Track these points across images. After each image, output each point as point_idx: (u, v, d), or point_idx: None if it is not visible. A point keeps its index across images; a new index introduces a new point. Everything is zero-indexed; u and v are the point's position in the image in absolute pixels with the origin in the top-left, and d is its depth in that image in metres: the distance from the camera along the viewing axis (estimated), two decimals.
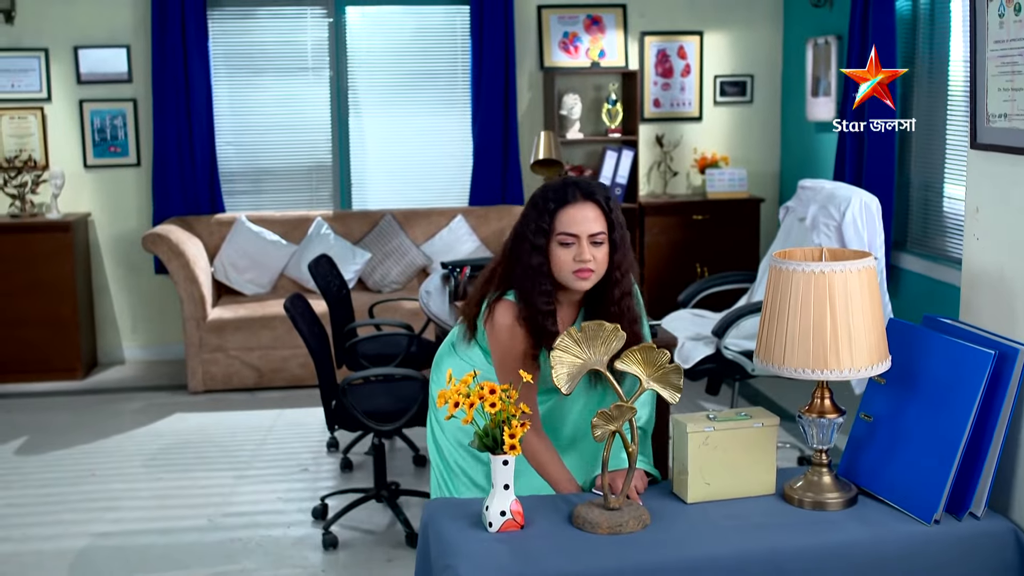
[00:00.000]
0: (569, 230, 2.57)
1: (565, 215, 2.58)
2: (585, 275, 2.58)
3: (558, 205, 2.59)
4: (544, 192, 2.64)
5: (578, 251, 2.56)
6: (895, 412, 2.39)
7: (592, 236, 2.57)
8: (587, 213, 2.58)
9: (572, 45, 7.18)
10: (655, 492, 2.45)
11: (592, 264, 2.57)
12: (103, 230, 7.02)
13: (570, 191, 2.60)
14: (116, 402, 6.26)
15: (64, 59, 6.81)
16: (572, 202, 2.58)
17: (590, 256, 2.56)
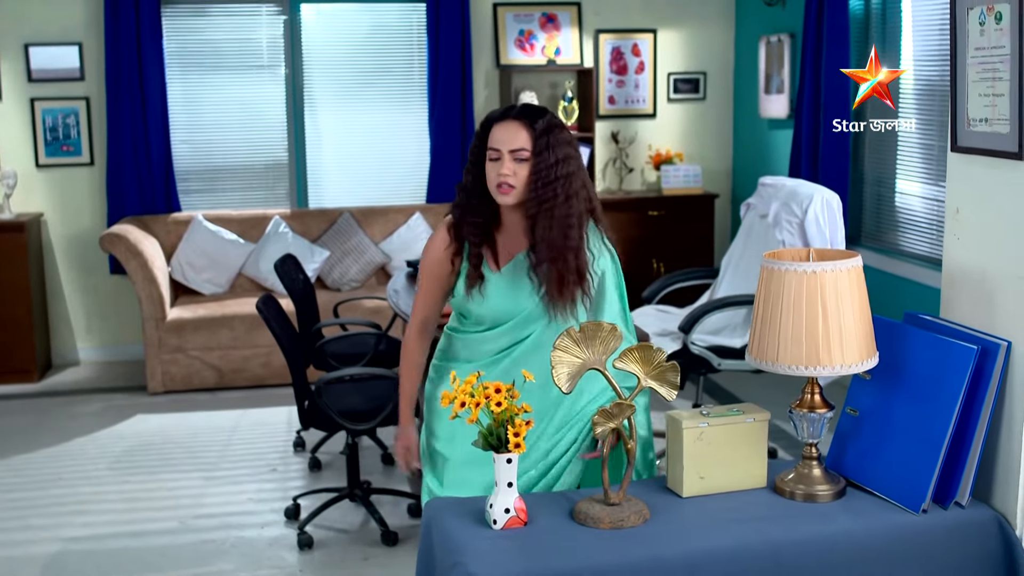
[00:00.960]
0: (495, 145, 2.69)
1: (494, 131, 2.70)
2: (505, 190, 2.67)
3: (490, 123, 2.73)
4: (485, 116, 2.79)
5: (500, 165, 2.67)
6: (881, 406, 2.47)
7: (514, 152, 2.66)
8: (513, 130, 2.68)
9: (528, 43, 7.23)
10: (649, 487, 2.51)
11: (512, 179, 2.66)
12: (56, 230, 6.93)
13: (504, 111, 2.73)
14: (74, 404, 6.19)
15: (14, 57, 6.71)
16: (502, 120, 2.71)
17: (509, 171, 2.66)
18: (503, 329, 2.77)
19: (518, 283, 2.75)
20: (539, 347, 2.73)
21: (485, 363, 2.79)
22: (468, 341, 2.84)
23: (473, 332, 2.83)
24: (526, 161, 2.67)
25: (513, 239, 2.78)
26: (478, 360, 2.81)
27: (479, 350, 2.81)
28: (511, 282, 2.76)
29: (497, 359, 2.79)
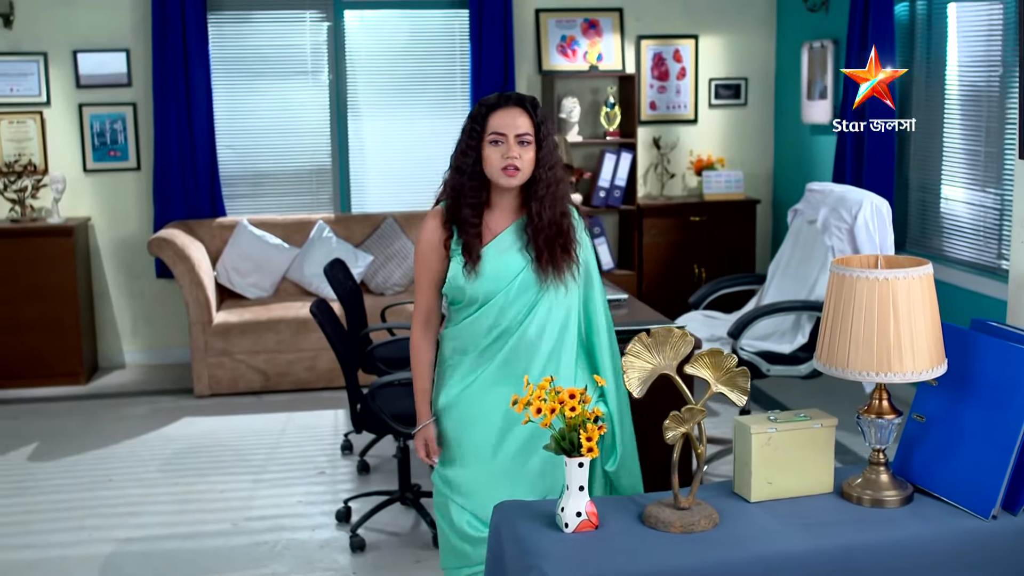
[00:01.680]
0: (499, 130, 2.81)
1: (495, 117, 2.84)
2: (511, 172, 2.81)
3: (490, 109, 2.86)
4: (480, 101, 2.92)
5: (506, 149, 2.79)
6: (948, 412, 2.48)
7: (519, 136, 2.81)
8: (515, 116, 2.83)
9: (570, 48, 7.25)
10: (716, 492, 2.53)
11: (518, 162, 2.80)
12: (103, 234, 7.01)
13: (502, 98, 2.87)
14: (122, 407, 6.26)
15: (63, 63, 6.80)
16: (502, 106, 2.85)
17: (516, 154, 2.80)
18: (494, 303, 2.88)
19: (505, 258, 2.90)
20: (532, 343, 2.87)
21: (480, 352, 2.91)
22: (461, 330, 2.95)
23: (465, 318, 2.93)
24: (529, 145, 2.83)
25: (497, 219, 2.93)
26: (472, 350, 2.92)
27: (472, 334, 2.92)
28: (497, 258, 2.90)
29: (492, 348, 2.89)
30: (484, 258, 2.89)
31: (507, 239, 2.91)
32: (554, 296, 2.89)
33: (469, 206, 2.88)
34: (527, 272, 2.88)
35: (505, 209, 2.93)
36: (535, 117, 2.85)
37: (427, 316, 3.04)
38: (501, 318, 2.89)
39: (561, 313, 2.92)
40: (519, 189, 2.90)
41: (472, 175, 2.87)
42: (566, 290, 2.91)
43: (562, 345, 2.91)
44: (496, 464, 2.89)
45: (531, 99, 2.90)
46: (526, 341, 2.88)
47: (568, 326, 2.93)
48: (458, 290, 2.92)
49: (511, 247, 2.90)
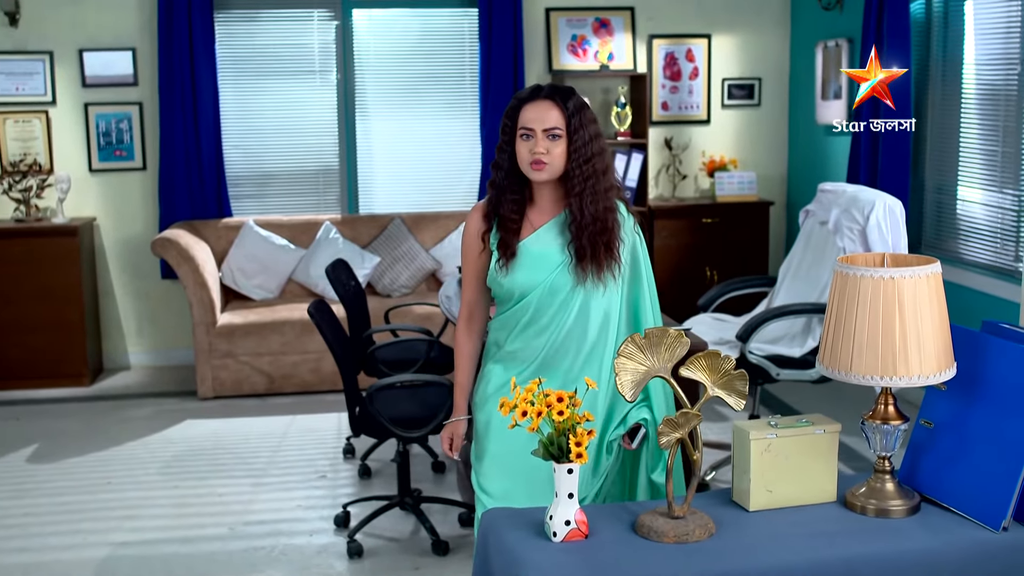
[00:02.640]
0: (527, 124, 2.74)
1: (526, 111, 2.76)
2: (538, 167, 2.74)
3: (521, 103, 2.78)
4: (515, 95, 2.84)
5: (534, 143, 2.72)
6: (958, 418, 2.37)
7: (547, 130, 2.73)
8: (544, 109, 2.74)
9: (580, 48, 7.16)
10: (713, 500, 2.42)
11: (545, 157, 2.72)
12: (108, 235, 6.96)
13: (533, 91, 2.79)
14: (125, 408, 6.20)
15: (69, 62, 6.75)
16: (532, 100, 2.76)
17: (544, 148, 2.72)
18: (529, 299, 2.81)
19: (543, 253, 2.82)
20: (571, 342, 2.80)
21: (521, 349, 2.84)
22: (502, 322, 2.89)
23: (505, 312, 2.88)
24: (559, 139, 2.74)
25: (539, 213, 2.86)
26: (509, 344, 2.86)
27: (510, 328, 2.85)
28: (534, 253, 2.82)
29: (533, 347, 2.82)
30: (520, 253, 2.82)
31: (547, 235, 2.83)
32: (592, 295, 2.80)
33: (510, 201, 2.82)
34: (564, 269, 2.80)
35: (546, 204, 2.85)
36: (566, 110, 2.75)
37: (471, 310, 2.98)
38: (539, 315, 2.82)
39: (600, 312, 2.82)
40: (559, 184, 2.80)
41: (509, 171, 2.81)
42: (604, 289, 2.80)
43: (604, 345, 2.81)
44: (522, 466, 2.77)
45: (565, 91, 2.79)
46: (566, 340, 2.81)
47: (608, 326, 2.83)
48: (495, 284, 2.87)
49: (551, 243, 2.82)
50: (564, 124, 2.74)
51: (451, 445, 2.97)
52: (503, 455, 2.81)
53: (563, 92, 2.79)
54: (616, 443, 2.82)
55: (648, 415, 2.81)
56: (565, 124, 2.74)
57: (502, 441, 2.80)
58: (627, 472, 2.89)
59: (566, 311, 2.80)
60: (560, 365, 2.81)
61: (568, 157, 2.75)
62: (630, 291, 2.88)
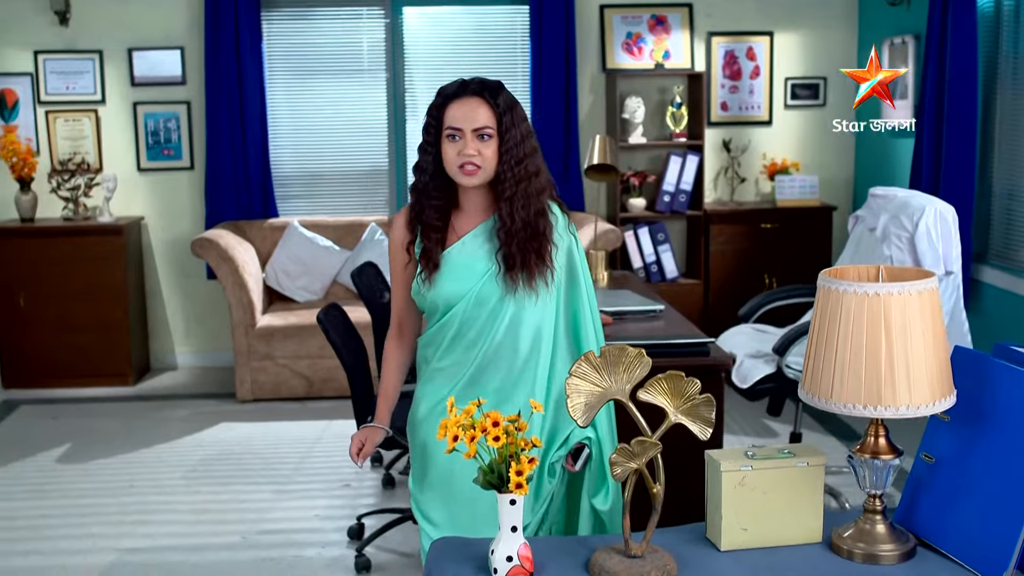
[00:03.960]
0: (454, 124, 2.53)
1: (452, 109, 2.55)
2: (470, 171, 2.52)
3: (446, 100, 2.57)
4: (439, 89, 2.62)
5: (462, 145, 2.51)
6: (960, 453, 2.11)
7: (477, 130, 2.52)
8: (473, 107, 2.53)
9: (636, 46, 6.92)
10: (684, 536, 2.19)
11: (477, 159, 2.51)
12: (156, 234, 6.93)
13: (459, 86, 2.58)
14: (163, 409, 6.15)
15: (118, 61, 6.74)
16: (459, 97, 2.55)
17: (474, 151, 2.51)
18: (454, 313, 2.60)
19: (468, 264, 2.61)
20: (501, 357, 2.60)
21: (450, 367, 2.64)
22: (429, 338, 2.69)
23: (431, 327, 2.67)
24: (490, 139, 2.53)
25: (465, 219, 2.65)
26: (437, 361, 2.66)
27: (436, 344, 2.65)
28: (459, 263, 2.61)
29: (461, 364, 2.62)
30: (444, 264, 2.61)
31: (473, 242, 2.62)
32: (523, 305, 2.59)
33: (432, 207, 2.61)
34: (490, 279, 2.59)
35: (473, 210, 2.64)
36: (496, 107, 2.54)
37: (400, 322, 2.79)
38: (465, 328, 2.61)
39: (532, 324, 2.61)
40: (488, 187, 2.60)
41: (434, 174, 2.59)
42: (537, 298, 2.60)
43: (537, 359, 2.60)
44: (464, 493, 2.58)
45: (494, 86, 2.59)
46: (495, 355, 2.60)
47: (541, 338, 2.62)
48: (418, 297, 2.67)
49: (477, 251, 2.61)
50: (495, 123, 2.53)
51: (360, 451, 2.77)
52: (442, 481, 2.61)
53: (492, 88, 2.58)
54: (559, 465, 2.61)
55: (592, 434, 2.60)
56: (496, 123, 2.53)
57: (440, 466, 2.60)
58: (574, 497, 2.68)
59: (494, 323, 2.59)
60: (490, 382, 2.60)
61: (499, 158, 2.54)
62: (568, 298, 2.67)
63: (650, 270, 6.81)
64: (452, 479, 2.57)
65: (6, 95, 6.71)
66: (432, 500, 2.64)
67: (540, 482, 2.63)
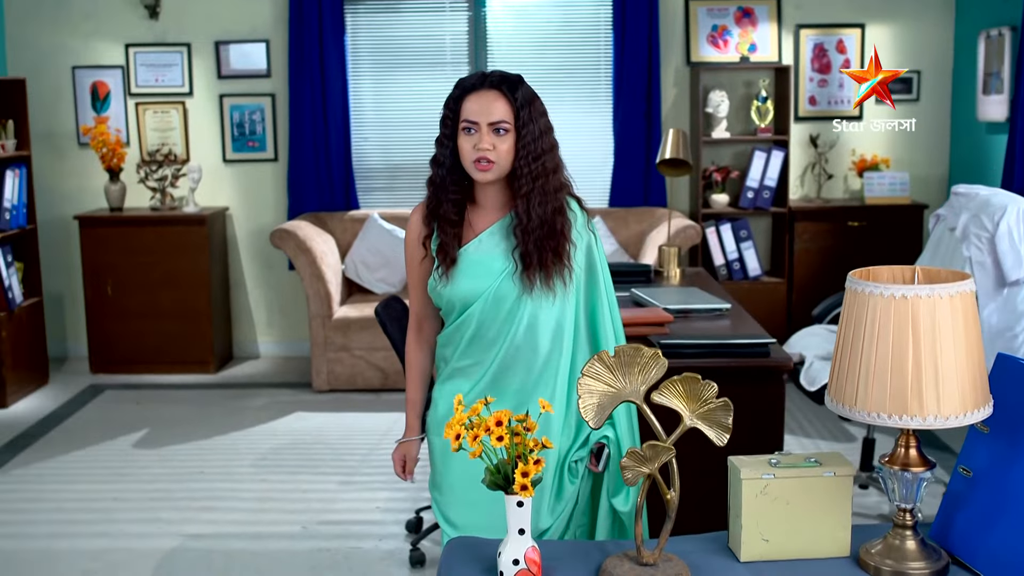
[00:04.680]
0: (471, 117, 2.47)
1: (469, 102, 2.49)
2: (483, 166, 2.47)
3: (463, 92, 2.50)
4: (457, 81, 2.55)
5: (478, 139, 2.46)
6: (999, 467, 1.98)
7: (494, 124, 2.46)
8: (490, 100, 2.47)
9: (721, 39, 6.77)
10: (705, 544, 2.11)
11: (491, 154, 2.46)
12: (240, 225, 7.04)
13: (476, 79, 2.52)
14: (241, 398, 6.24)
15: (205, 54, 6.86)
16: (476, 89, 2.49)
17: (489, 144, 2.45)
18: (471, 312, 2.55)
19: (485, 261, 2.55)
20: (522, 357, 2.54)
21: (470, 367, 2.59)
22: (447, 337, 2.63)
23: (449, 325, 2.62)
24: (506, 134, 2.47)
25: (482, 216, 2.59)
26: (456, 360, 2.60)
27: (455, 343, 2.60)
28: (476, 260, 2.55)
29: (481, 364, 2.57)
30: (460, 260, 2.56)
31: (490, 240, 2.57)
32: (541, 304, 2.53)
33: (449, 202, 2.56)
34: (507, 278, 2.53)
35: (490, 206, 2.59)
36: (514, 101, 2.47)
37: (418, 321, 2.75)
38: (483, 328, 2.56)
39: (551, 323, 2.55)
40: (506, 183, 2.55)
41: (451, 168, 2.54)
42: (554, 297, 2.54)
43: (559, 359, 2.55)
44: (484, 494, 2.51)
45: (513, 79, 2.53)
46: (515, 355, 2.55)
47: (561, 338, 2.56)
48: (435, 295, 2.62)
49: (494, 249, 2.56)
50: (512, 117, 2.47)
51: (404, 467, 2.73)
52: (463, 483, 2.56)
53: (511, 81, 2.51)
54: (582, 465, 2.55)
55: (611, 432, 2.52)
56: (513, 117, 2.47)
57: (460, 468, 2.55)
58: (596, 498, 2.61)
59: (513, 323, 2.53)
60: (510, 383, 2.55)
61: (516, 154, 2.48)
62: (587, 297, 2.61)
63: (732, 268, 6.67)
64: (472, 481, 2.52)
65: (99, 87, 6.88)
66: (452, 502, 2.60)
67: (561, 483, 2.58)
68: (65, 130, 6.93)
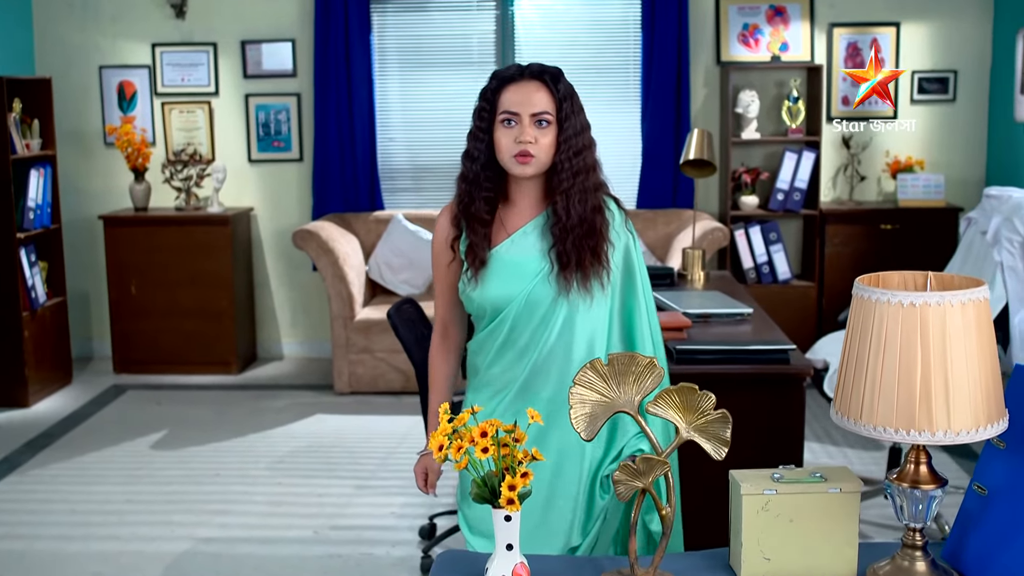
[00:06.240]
0: (511, 108, 2.37)
1: (508, 93, 2.38)
2: (524, 159, 2.36)
3: (502, 83, 2.40)
4: (493, 73, 2.46)
5: (519, 131, 2.35)
6: (1016, 485, 1.87)
7: (535, 115, 2.36)
8: (532, 91, 2.37)
9: (752, 38, 6.65)
10: (705, 562, 2.02)
11: (533, 147, 2.35)
12: (265, 225, 7.01)
13: (514, 69, 2.42)
14: (262, 399, 6.20)
15: (232, 53, 6.83)
16: (516, 80, 2.39)
17: (531, 137, 2.35)
18: (503, 317, 2.44)
19: (518, 263, 2.44)
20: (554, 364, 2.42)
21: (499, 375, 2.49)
22: (478, 343, 2.53)
23: (480, 331, 2.51)
24: (548, 126, 2.37)
25: (515, 214, 2.47)
26: (487, 368, 2.50)
27: (485, 351, 2.49)
28: (508, 262, 2.44)
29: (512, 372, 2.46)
30: (492, 261, 2.44)
31: (524, 240, 2.45)
32: (577, 307, 2.42)
33: (482, 199, 2.43)
34: (543, 280, 2.42)
35: (525, 204, 2.47)
36: (556, 92, 2.37)
37: (444, 327, 2.62)
38: (516, 334, 2.44)
39: (587, 328, 2.44)
40: (542, 179, 2.43)
41: (487, 163, 2.42)
42: (591, 300, 2.42)
43: None
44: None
45: (554, 71, 2.42)
46: (547, 362, 2.43)
47: (595, 344, 2.44)
48: (465, 299, 2.51)
49: (529, 249, 2.44)
50: (554, 109, 2.37)
51: (426, 480, 2.63)
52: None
53: (552, 72, 2.41)
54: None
55: (646, 446, 2.41)
56: (555, 110, 2.37)
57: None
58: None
59: (547, 328, 2.42)
60: (542, 391, 2.43)
61: (557, 148, 2.38)
62: (623, 300, 2.49)
63: (761, 271, 6.54)
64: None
65: (125, 87, 6.88)
66: (477, 515, 2.51)
67: (592, 499, 2.46)
68: (91, 129, 6.93)
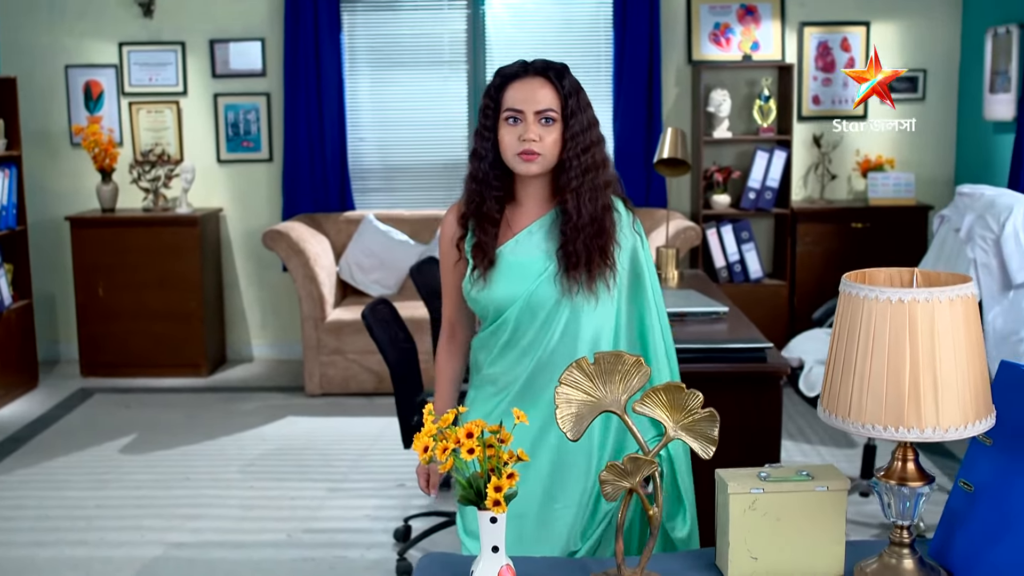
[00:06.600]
0: (515, 105, 2.33)
1: (512, 90, 2.34)
2: (529, 157, 2.31)
3: (506, 80, 2.36)
4: (498, 70, 2.41)
5: (523, 129, 2.31)
6: (1002, 482, 1.86)
7: (540, 113, 2.32)
8: (536, 88, 2.33)
9: (723, 37, 6.65)
10: (692, 562, 2.00)
11: (537, 145, 2.31)
12: (235, 226, 6.94)
13: (518, 66, 2.37)
14: (233, 402, 6.13)
15: (200, 52, 6.76)
16: (520, 77, 2.35)
17: (535, 135, 2.30)
18: (506, 318, 2.40)
19: (525, 262, 2.40)
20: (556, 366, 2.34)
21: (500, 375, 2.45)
22: (481, 341, 2.49)
23: (483, 330, 2.48)
24: (553, 124, 2.33)
25: (521, 214, 2.43)
26: (488, 367, 2.47)
27: (487, 350, 2.46)
28: (516, 261, 2.41)
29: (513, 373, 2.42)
30: (497, 262, 2.40)
31: (529, 240, 2.41)
32: (582, 309, 2.37)
33: (493, 198, 2.40)
34: (547, 281, 2.38)
35: (532, 203, 2.42)
36: (561, 88, 2.33)
37: (451, 327, 2.59)
38: (518, 335, 2.40)
39: (591, 330, 2.39)
40: (548, 178, 2.39)
41: (494, 162, 2.38)
42: (597, 302, 2.38)
43: None
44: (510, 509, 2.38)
45: (559, 67, 2.38)
46: (549, 363, 2.38)
47: (600, 346, 2.40)
48: (469, 299, 2.46)
49: (535, 249, 2.40)
50: (559, 106, 2.32)
51: (428, 481, 2.57)
52: None
53: (557, 69, 2.36)
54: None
55: (663, 451, 2.38)
56: (560, 106, 2.32)
57: None
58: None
59: (550, 329, 2.38)
60: (543, 393, 2.38)
61: (563, 146, 2.33)
62: (632, 303, 2.44)
63: (733, 270, 6.55)
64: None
65: (92, 86, 6.79)
66: (473, 516, 2.46)
67: (596, 503, 2.43)
68: (58, 130, 6.83)
